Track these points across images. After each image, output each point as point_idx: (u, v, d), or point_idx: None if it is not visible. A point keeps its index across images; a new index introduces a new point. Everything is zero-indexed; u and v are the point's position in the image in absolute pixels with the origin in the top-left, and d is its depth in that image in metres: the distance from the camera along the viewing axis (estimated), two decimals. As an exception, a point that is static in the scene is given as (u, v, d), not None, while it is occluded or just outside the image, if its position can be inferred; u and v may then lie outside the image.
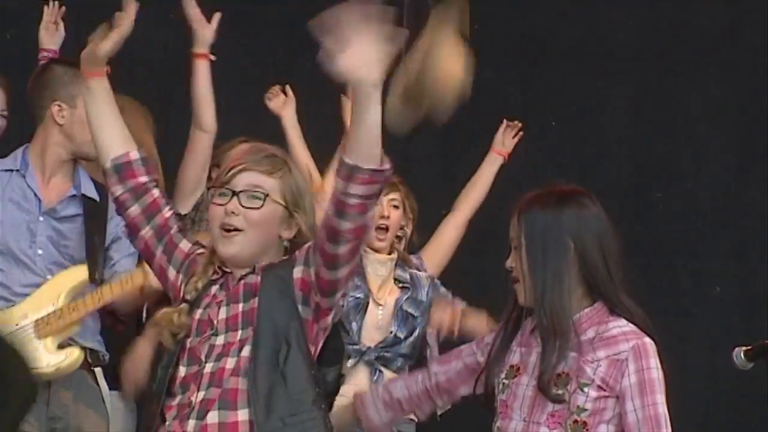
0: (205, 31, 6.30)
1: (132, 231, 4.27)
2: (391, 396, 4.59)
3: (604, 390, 4.12)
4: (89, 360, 5.76)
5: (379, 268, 6.06)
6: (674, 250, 7.44)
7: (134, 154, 4.22)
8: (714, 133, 7.71)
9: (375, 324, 6.08)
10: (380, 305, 6.06)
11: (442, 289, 6.35)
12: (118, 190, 4.23)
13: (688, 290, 7.38)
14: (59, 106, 5.88)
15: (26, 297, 5.71)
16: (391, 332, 6.11)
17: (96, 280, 5.96)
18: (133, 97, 6.12)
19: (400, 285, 6.22)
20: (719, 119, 7.72)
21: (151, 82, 7.28)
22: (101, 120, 4.33)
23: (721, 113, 7.76)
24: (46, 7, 6.74)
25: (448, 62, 4.61)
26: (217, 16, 6.30)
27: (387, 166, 3.90)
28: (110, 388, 5.99)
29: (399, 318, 6.13)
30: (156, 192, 4.24)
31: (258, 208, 3.98)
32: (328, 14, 3.86)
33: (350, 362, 5.98)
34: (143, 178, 4.22)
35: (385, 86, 4.11)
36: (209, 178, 6.23)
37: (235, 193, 3.98)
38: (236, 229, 3.99)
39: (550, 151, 7.61)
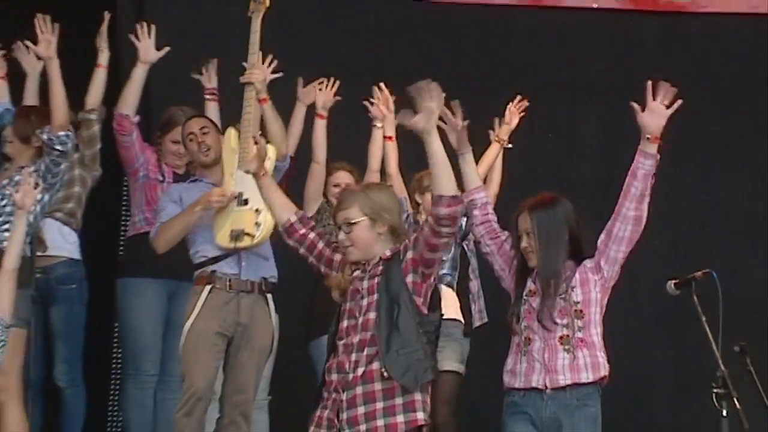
0: (326, 97, 7.28)
1: (304, 258, 5.47)
2: None
3: (590, 280, 5.46)
4: (263, 287, 6.60)
5: None
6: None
7: (293, 218, 5.45)
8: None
9: None
10: None
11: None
12: (290, 241, 5.46)
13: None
14: None
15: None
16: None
17: None
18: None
19: None
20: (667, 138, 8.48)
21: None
22: (270, 202, 5.55)
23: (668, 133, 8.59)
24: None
25: None
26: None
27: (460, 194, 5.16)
28: None
29: None
30: (311, 235, 5.44)
31: (349, 233, 5.22)
32: (414, 87, 5.07)
33: None
34: (302, 231, 5.42)
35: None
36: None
37: (339, 227, 5.27)
38: (349, 245, 5.24)
39: (540, 163, 8.09)
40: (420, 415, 5.14)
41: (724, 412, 5.76)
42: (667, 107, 5.42)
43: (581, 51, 8.59)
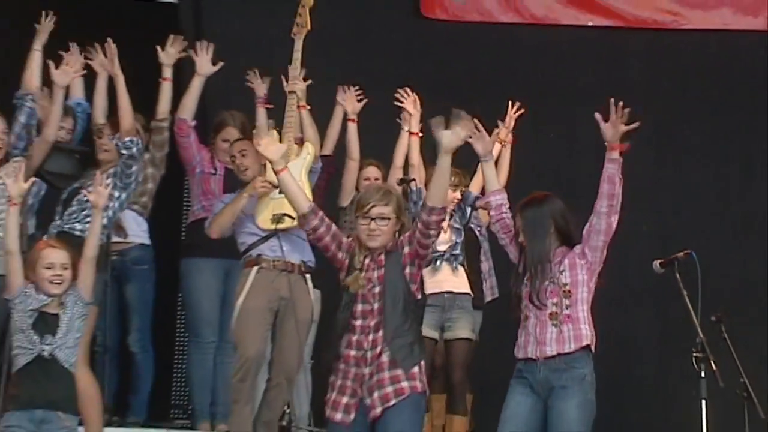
0: (354, 104, 7.24)
1: (317, 241, 5.48)
2: None
3: (577, 264, 5.51)
4: (302, 268, 6.59)
5: None
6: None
7: (306, 209, 5.41)
8: (649, 151, 8.28)
9: (443, 239, 6.86)
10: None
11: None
12: (304, 228, 5.53)
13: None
14: None
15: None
16: (453, 240, 7.00)
17: None
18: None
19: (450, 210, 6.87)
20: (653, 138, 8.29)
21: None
22: (290, 196, 5.48)
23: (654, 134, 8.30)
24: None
25: None
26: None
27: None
28: None
29: (454, 231, 7.02)
30: (326, 219, 5.43)
31: (381, 225, 5.31)
32: (456, 113, 5.20)
33: (437, 263, 6.94)
34: (314, 222, 5.39)
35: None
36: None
37: (372, 217, 5.31)
38: (377, 235, 5.30)
39: (542, 162, 8.02)
40: (418, 384, 5.35)
41: (702, 374, 5.80)
42: (627, 125, 5.53)
43: (577, 63, 8.56)
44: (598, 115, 5.52)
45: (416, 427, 5.41)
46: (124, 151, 6.72)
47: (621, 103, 5.52)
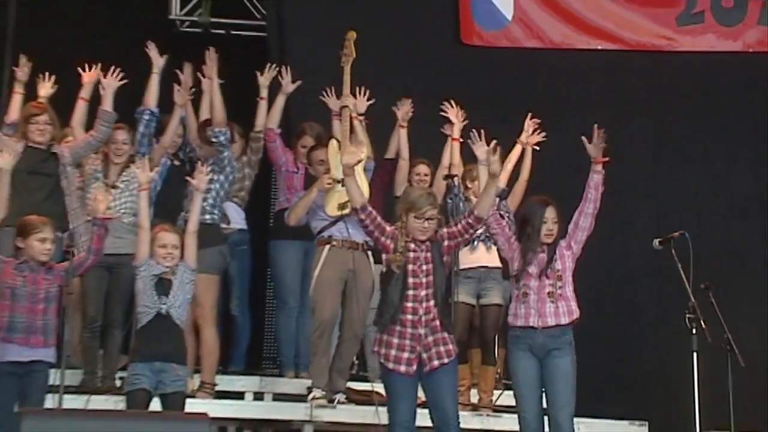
0: (404, 112, 7.11)
1: (364, 229, 5.57)
2: None
3: (566, 255, 5.67)
4: (365, 246, 6.55)
5: None
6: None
7: (359, 205, 5.45)
8: (649, 149, 8.40)
9: None
10: None
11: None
12: (359, 217, 5.50)
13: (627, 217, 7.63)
14: None
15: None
16: None
17: None
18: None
19: None
20: (652, 139, 8.40)
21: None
22: (350, 194, 5.52)
23: (653, 136, 8.41)
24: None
25: None
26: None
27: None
28: None
29: None
30: (373, 213, 5.47)
31: (434, 224, 5.45)
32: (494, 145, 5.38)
33: (475, 243, 6.83)
34: (362, 216, 5.45)
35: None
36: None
37: (426, 219, 5.42)
38: (428, 230, 5.42)
39: (557, 164, 7.63)
40: (456, 348, 5.55)
41: (694, 331, 5.91)
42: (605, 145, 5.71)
43: (589, 79, 8.48)
44: (584, 138, 5.64)
45: (457, 382, 5.67)
46: (214, 140, 6.67)
47: (601, 129, 5.66)
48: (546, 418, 5.62)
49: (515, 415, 6.11)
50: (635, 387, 7.61)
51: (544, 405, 5.66)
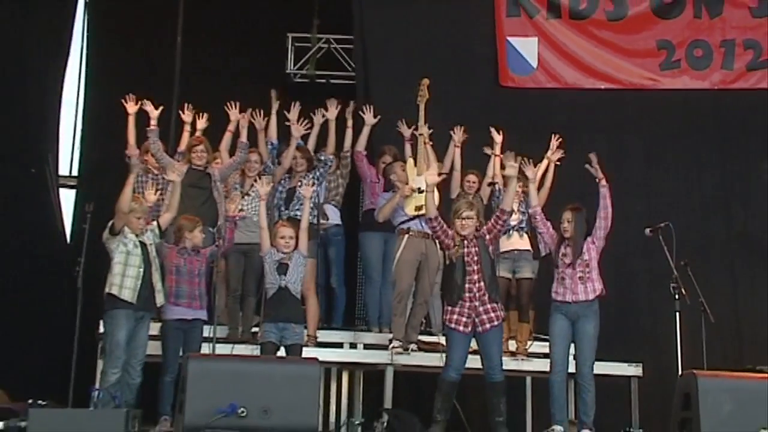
0: (459, 139, 6.93)
1: (433, 232, 5.65)
2: None
3: (591, 248, 5.70)
4: (433, 236, 6.03)
5: None
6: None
7: (432, 215, 5.56)
8: (642, 162, 8.12)
9: (514, 218, 6.64)
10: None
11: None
12: (431, 224, 5.59)
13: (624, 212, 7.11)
14: None
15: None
16: (520, 218, 6.71)
17: None
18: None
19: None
20: (643, 154, 8.13)
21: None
22: (426, 206, 5.56)
23: (644, 151, 8.14)
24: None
25: None
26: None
27: None
28: None
29: (521, 212, 6.71)
30: (441, 221, 5.54)
31: (472, 222, 5.51)
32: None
33: (510, 232, 6.71)
34: (433, 223, 5.57)
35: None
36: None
37: (463, 218, 5.51)
38: (471, 226, 5.49)
39: (572, 176, 7.17)
40: (502, 313, 5.62)
41: (676, 296, 6.03)
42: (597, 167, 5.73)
43: (594, 110, 8.24)
44: (587, 166, 5.74)
45: (502, 339, 5.69)
46: (327, 163, 6.77)
47: (593, 155, 5.76)
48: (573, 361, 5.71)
49: (543, 360, 6.18)
50: (633, 338, 7.50)
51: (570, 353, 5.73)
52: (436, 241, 6.39)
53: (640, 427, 6.18)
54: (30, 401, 4.98)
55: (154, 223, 5.82)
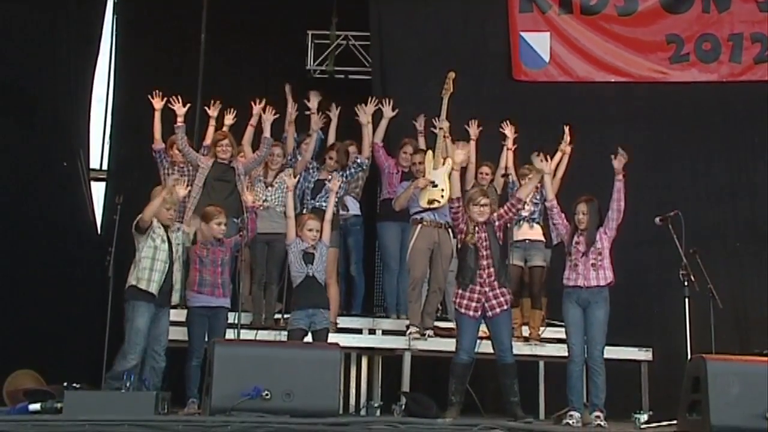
0: (475, 128, 6.87)
1: (453, 220, 5.63)
2: None
3: (603, 238, 5.65)
4: (446, 225, 6.34)
5: None
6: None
7: (454, 204, 5.55)
8: (651, 153, 7.92)
9: (527, 209, 6.69)
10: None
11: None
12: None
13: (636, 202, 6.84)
14: None
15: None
16: (532, 209, 6.79)
17: None
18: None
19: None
20: (653, 146, 8.00)
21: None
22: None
23: (654, 143, 8.06)
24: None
25: None
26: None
27: None
28: None
29: (533, 203, 6.80)
30: (462, 206, 5.55)
31: (486, 209, 5.50)
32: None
33: (521, 222, 6.72)
34: (453, 211, 5.60)
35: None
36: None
37: (480, 205, 5.48)
38: (487, 212, 5.50)
39: (583, 167, 7.14)
40: (511, 297, 5.57)
41: (686, 283, 6.01)
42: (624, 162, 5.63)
43: (606, 103, 8.15)
44: (612, 156, 5.61)
45: (511, 322, 5.65)
46: (362, 167, 6.85)
47: (622, 151, 5.64)
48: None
49: (555, 345, 6.20)
50: (644, 323, 7.45)
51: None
52: (449, 229, 6.44)
53: (650, 410, 6.16)
54: (65, 384, 5.01)
55: (194, 228, 5.86)
